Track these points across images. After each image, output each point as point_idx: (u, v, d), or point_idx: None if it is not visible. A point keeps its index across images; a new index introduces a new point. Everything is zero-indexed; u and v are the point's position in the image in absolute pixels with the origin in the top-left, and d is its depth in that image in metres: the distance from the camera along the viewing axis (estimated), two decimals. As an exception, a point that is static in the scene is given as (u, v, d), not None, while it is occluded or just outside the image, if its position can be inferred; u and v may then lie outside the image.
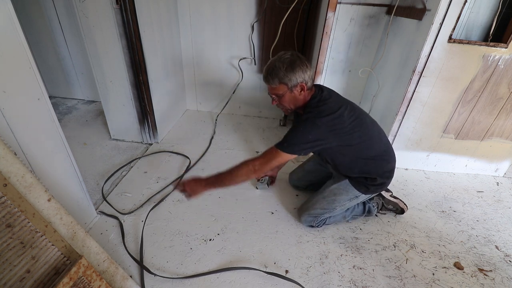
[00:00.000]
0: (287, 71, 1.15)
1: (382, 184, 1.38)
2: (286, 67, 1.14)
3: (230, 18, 2.27)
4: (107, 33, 1.71)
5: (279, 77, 1.16)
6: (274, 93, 1.23)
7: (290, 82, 1.17)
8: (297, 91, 1.20)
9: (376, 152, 1.30)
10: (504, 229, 1.61)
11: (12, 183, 0.80)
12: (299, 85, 1.18)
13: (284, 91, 1.20)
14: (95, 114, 2.63)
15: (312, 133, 1.16)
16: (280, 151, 1.18)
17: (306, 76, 1.17)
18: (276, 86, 1.19)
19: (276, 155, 1.19)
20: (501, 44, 1.56)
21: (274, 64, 1.17)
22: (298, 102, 1.25)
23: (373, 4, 2.02)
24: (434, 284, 1.27)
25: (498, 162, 2.04)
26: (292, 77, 1.16)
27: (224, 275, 1.24)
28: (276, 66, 1.16)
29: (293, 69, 1.14)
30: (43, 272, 0.83)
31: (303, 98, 1.24)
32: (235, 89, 2.61)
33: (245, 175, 1.23)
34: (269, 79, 1.20)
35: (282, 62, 1.15)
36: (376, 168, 1.33)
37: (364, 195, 1.40)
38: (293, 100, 1.24)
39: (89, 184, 1.73)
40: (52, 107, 1.12)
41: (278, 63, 1.16)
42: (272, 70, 1.18)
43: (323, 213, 1.44)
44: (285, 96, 1.22)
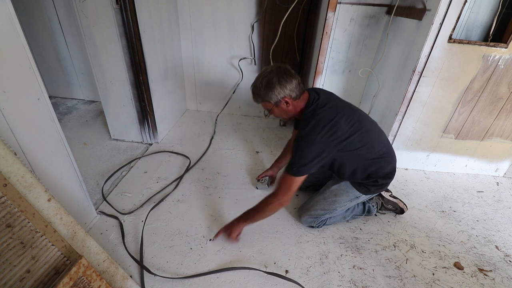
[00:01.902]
0: (266, 90, 1.18)
1: (383, 185, 1.38)
2: (264, 86, 1.18)
3: (230, 18, 2.27)
4: (107, 33, 1.71)
5: (261, 97, 1.22)
6: (264, 108, 1.28)
7: (271, 99, 1.20)
8: (284, 105, 1.22)
9: (377, 154, 1.30)
10: (504, 229, 1.61)
11: (12, 183, 0.80)
12: (283, 100, 1.20)
13: (270, 106, 1.24)
14: (95, 114, 2.63)
15: (315, 150, 1.16)
16: (293, 176, 1.20)
17: (286, 90, 1.18)
18: (262, 103, 1.25)
19: (292, 181, 1.21)
20: (501, 44, 1.56)
21: (255, 84, 1.22)
22: (290, 113, 1.27)
23: (373, 4, 2.02)
24: (434, 284, 1.27)
25: (498, 162, 2.04)
26: (272, 95, 1.19)
27: (224, 275, 1.24)
28: (256, 87, 1.21)
29: (270, 88, 1.17)
30: (43, 272, 0.83)
31: (292, 109, 1.25)
32: (235, 89, 2.61)
33: (275, 210, 1.28)
34: (254, 98, 1.26)
35: (261, 82, 1.19)
36: (377, 169, 1.32)
37: (364, 195, 1.40)
38: (283, 112, 1.27)
39: (89, 184, 1.73)
40: (52, 107, 1.12)
41: (258, 83, 1.21)
42: (254, 90, 1.23)
43: (324, 214, 1.44)
44: (274, 111, 1.26)
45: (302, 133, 1.18)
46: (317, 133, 1.15)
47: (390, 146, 1.38)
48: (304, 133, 1.17)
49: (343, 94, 2.48)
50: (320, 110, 1.20)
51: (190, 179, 1.83)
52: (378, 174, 1.33)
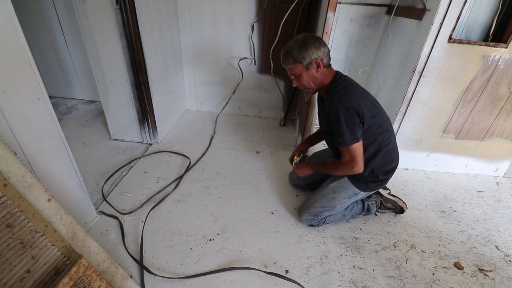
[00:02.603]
0: (300, 50, 1.19)
1: (382, 181, 1.39)
2: (299, 46, 1.19)
3: (230, 18, 2.27)
4: (107, 33, 1.71)
5: (294, 57, 1.21)
6: (292, 73, 1.27)
7: (304, 60, 1.20)
8: (313, 69, 1.23)
9: (388, 146, 1.32)
10: (504, 229, 1.61)
11: (12, 183, 0.80)
12: (314, 62, 1.21)
13: (300, 69, 1.23)
14: (95, 114, 2.63)
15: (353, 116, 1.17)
16: (351, 146, 1.21)
17: (320, 52, 1.20)
18: (292, 66, 1.24)
19: (350, 151, 1.22)
20: (501, 44, 1.56)
21: (289, 46, 1.23)
22: (317, 80, 1.27)
23: (373, 4, 2.02)
24: (434, 284, 1.27)
25: (498, 162, 2.04)
26: (306, 55, 1.19)
27: (224, 275, 1.24)
28: (290, 47, 1.22)
29: (305, 47, 1.18)
30: (43, 272, 0.83)
31: (321, 76, 1.26)
32: (235, 89, 2.61)
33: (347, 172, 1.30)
34: (285, 60, 1.25)
35: (296, 42, 1.20)
36: (382, 165, 1.33)
37: (363, 192, 1.40)
38: (311, 78, 1.26)
39: (89, 184, 1.73)
40: (52, 107, 1.12)
41: (292, 44, 1.22)
42: (287, 51, 1.23)
43: (323, 212, 1.44)
44: (303, 75, 1.25)
45: (333, 102, 1.20)
46: (349, 99, 1.18)
47: (396, 144, 1.40)
48: (335, 102, 1.20)
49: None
50: (350, 84, 1.25)
51: (190, 179, 1.83)
52: (381, 169, 1.34)
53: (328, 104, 1.24)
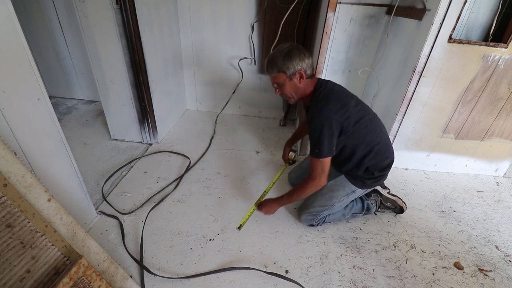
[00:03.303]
0: (285, 60, 1.20)
1: (379, 178, 1.39)
2: (284, 56, 1.21)
3: (230, 18, 2.27)
4: (107, 33, 1.71)
5: (278, 66, 1.23)
6: (275, 82, 1.28)
7: (288, 70, 1.22)
8: (297, 79, 1.25)
9: (378, 145, 1.32)
10: (504, 229, 1.61)
11: (12, 183, 0.80)
12: (298, 73, 1.23)
13: (283, 79, 1.25)
14: (95, 114, 2.63)
15: (330, 128, 1.20)
16: (325, 159, 1.24)
17: (304, 64, 1.22)
18: (275, 74, 1.25)
19: (322, 163, 1.25)
20: (501, 44, 1.56)
21: (273, 55, 1.24)
22: (300, 91, 1.29)
23: (373, 4, 2.02)
24: (434, 284, 1.27)
25: (498, 162, 2.04)
26: (290, 65, 1.21)
27: (224, 275, 1.24)
28: (275, 56, 1.23)
29: (290, 57, 1.20)
30: (43, 272, 0.83)
31: (303, 86, 1.27)
32: (235, 89, 2.61)
33: (313, 191, 1.33)
34: (268, 68, 1.27)
35: (280, 52, 1.22)
36: (376, 163, 1.34)
37: (360, 189, 1.41)
38: (294, 88, 1.28)
39: (89, 184, 1.73)
40: (52, 107, 1.12)
41: (276, 53, 1.23)
42: (271, 59, 1.25)
43: (322, 211, 1.44)
44: (286, 85, 1.26)
45: (314, 112, 1.22)
46: (329, 110, 1.20)
47: (389, 141, 1.41)
48: (316, 113, 1.21)
49: (343, 94, 2.48)
50: (331, 92, 1.26)
51: (190, 179, 1.83)
52: (376, 167, 1.35)
53: (310, 114, 1.26)
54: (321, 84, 1.29)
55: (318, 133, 1.20)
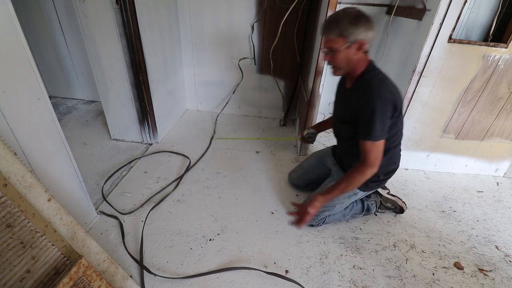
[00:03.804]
0: (350, 24, 1.06)
1: (382, 181, 1.39)
2: (351, 20, 1.06)
3: (230, 18, 2.27)
4: (107, 33, 1.71)
5: (340, 29, 1.07)
6: (329, 46, 1.13)
7: (350, 37, 1.08)
8: (354, 50, 1.11)
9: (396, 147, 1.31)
10: (504, 229, 1.61)
11: (12, 183, 0.80)
12: (358, 43, 1.09)
13: (340, 45, 1.10)
14: (95, 114, 2.63)
15: (387, 108, 1.11)
16: (376, 142, 1.14)
17: (368, 35, 1.09)
18: (334, 38, 1.10)
19: (378, 147, 1.15)
20: (501, 44, 1.56)
21: (338, 16, 1.09)
22: (352, 64, 1.16)
23: (373, 4, 2.02)
24: (434, 284, 1.27)
25: (498, 162, 2.04)
26: (354, 32, 1.07)
27: (224, 275, 1.24)
28: (339, 18, 1.08)
29: (357, 23, 1.06)
30: (43, 272, 0.83)
31: (357, 60, 1.15)
32: (235, 89, 2.61)
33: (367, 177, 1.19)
34: (328, 30, 1.11)
35: (347, 15, 1.07)
36: (386, 165, 1.32)
37: (362, 192, 1.40)
38: (347, 58, 1.14)
39: (89, 184, 1.73)
40: (52, 107, 1.12)
41: (341, 15, 1.08)
42: (335, 20, 1.09)
43: (323, 211, 1.44)
44: (340, 52, 1.12)
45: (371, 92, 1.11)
46: (390, 93, 1.11)
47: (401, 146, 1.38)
48: (375, 92, 1.10)
49: (343, 94, 2.48)
50: (386, 76, 1.17)
51: (190, 179, 1.83)
52: (384, 169, 1.32)
53: (360, 94, 1.15)
54: (374, 67, 1.18)
55: (373, 113, 1.09)
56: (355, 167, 1.20)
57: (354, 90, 1.20)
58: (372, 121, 1.11)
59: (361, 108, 1.13)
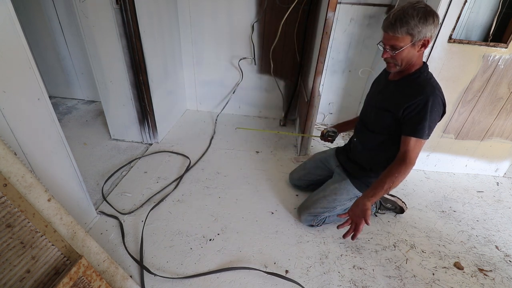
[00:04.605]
0: (420, 22, 1.00)
1: None
2: (420, 16, 1.00)
3: (230, 18, 2.27)
4: (107, 33, 1.71)
5: (409, 27, 1.01)
6: (394, 43, 1.07)
7: (418, 35, 1.02)
8: (418, 47, 1.07)
9: None
10: (504, 229, 1.61)
11: (12, 183, 0.80)
12: (424, 40, 1.04)
13: (406, 43, 1.05)
14: (95, 114, 2.63)
15: (438, 110, 1.10)
16: (423, 139, 1.11)
17: (435, 31, 1.04)
18: (401, 36, 1.04)
19: (420, 144, 1.13)
20: (501, 44, 1.56)
21: (406, 11, 1.01)
22: (412, 61, 1.12)
23: (373, 4, 2.02)
24: (434, 284, 1.27)
25: (498, 162, 2.04)
26: (423, 30, 1.01)
27: (224, 275, 1.24)
28: (408, 14, 1.00)
29: (426, 20, 1.00)
30: (43, 272, 0.83)
31: (418, 57, 1.12)
32: (235, 89, 2.61)
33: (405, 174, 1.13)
34: (395, 27, 1.03)
35: (417, 11, 1.00)
36: None
37: None
38: (409, 56, 1.09)
39: (89, 184, 1.73)
40: (52, 107, 1.12)
41: (410, 11, 1.01)
42: (404, 16, 1.01)
43: (323, 212, 1.44)
44: (405, 50, 1.07)
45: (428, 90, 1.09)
46: (442, 95, 1.11)
47: None
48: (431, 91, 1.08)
49: (343, 94, 2.48)
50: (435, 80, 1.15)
51: (190, 179, 1.83)
52: None
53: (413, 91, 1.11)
54: (427, 66, 1.16)
55: (427, 112, 1.07)
56: (395, 165, 1.13)
57: (403, 85, 1.17)
58: (423, 119, 1.08)
59: (414, 105, 1.09)
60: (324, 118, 2.64)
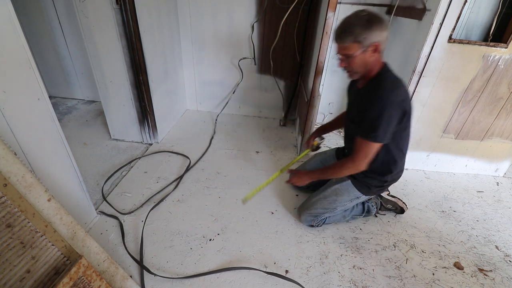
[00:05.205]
0: (364, 28, 1.05)
1: (385, 186, 1.39)
2: (363, 24, 1.05)
3: (230, 18, 2.27)
4: (107, 33, 1.71)
5: (354, 35, 1.06)
6: (345, 53, 1.13)
7: (365, 41, 1.07)
8: (370, 52, 1.10)
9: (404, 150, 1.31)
10: (504, 229, 1.61)
11: (12, 183, 0.80)
12: (374, 45, 1.08)
13: (355, 50, 1.10)
14: (95, 114, 2.63)
15: (394, 113, 1.11)
16: (376, 143, 1.14)
17: (383, 36, 1.08)
18: (349, 45, 1.09)
19: (370, 147, 1.16)
20: (501, 44, 1.56)
21: (350, 21, 1.08)
22: (368, 66, 1.15)
23: (373, 4, 2.02)
24: (434, 284, 1.27)
25: (498, 162, 2.04)
26: (368, 36, 1.06)
27: (224, 275, 1.24)
28: (352, 23, 1.07)
29: (370, 26, 1.05)
30: (43, 272, 0.83)
31: (373, 62, 1.14)
32: (235, 89, 2.61)
33: (350, 173, 1.28)
34: (342, 37, 1.10)
35: (359, 19, 1.06)
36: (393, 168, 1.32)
37: (364, 196, 1.40)
38: (363, 62, 1.13)
39: (89, 184, 1.73)
40: (52, 107, 1.12)
41: (354, 20, 1.07)
42: (347, 27, 1.08)
43: (324, 213, 1.44)
44: (356, 57, 1.11)
45: (380, 94, 1.11)
46: (398, 96, 1.10)
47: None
48: (383, 94, 1.10)
49: (343, 94, 2.48)
50: (398, 78, 1.16)
51: (190, 179, 1.83)
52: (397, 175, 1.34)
53: (371, 95, 1.14)
54: (388, 69, 1.17)
55: (379, 115, 1.09)
56: (344, 161, 1.25)
57: (367, 91, 1.20)
58: (371, 122, 1.12)
59: (370, 107, 1.12)
60: (324, 118, 2.64)
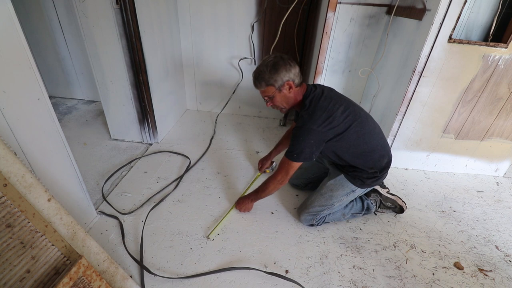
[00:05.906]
0: (271, 73, 1.21)
1: (378, 178, 1.39)
2: (270, 69, 1.22)
3: (230, 18, 2.27)
4: (107, 33, 1.71)
5: (265, 80, 1.24)
6: (265, 95, 1.30)
7: (276, 83, 1.23)
8: (286, 90, 1.26)
9: (373, 146, 1.33)
10: (504, 229, 1.61)
11: (12, 183, 0.80)
12: (286, 84, 1.24)
13: (273, 92, 1.26)
14: (95, 114, 2.63)
15: (312, 138, 1.22)
16: (291, 161, 1.28)
17: (291, 74, 1.23)
18: (264, 89, 1.27)
19: (291, 165, 1.29)
20: (501, 44, 1.56)
21: (259, 69, 1.25)
22: (290, 100, 1.31)
23: (373, 4, 2.02)
24: (434, 284, 1.27)
25: (498, 162, 2.04)
26: (277, 78, 1.22)
27: (224, 275, 1.24)
28: (261, 71, 1.24)
29: (276, 70, 1.21)
30: (43, 272, 0.83)
31: (293, 95, 1.29)
32: (235, 89, 2.61)
33: (276, 189, 1.42)
34: (256, 83, 1.28)
35: (266, 66, 1.23)
36: (372, 162, 1.35)
37: (360, 189, 1.41)
38: (284, 99, 1.29)
39: (89, 184, 1.73)
40: (52, 107, 1.12)
41: (262, 67, 1.24)
42: (258, 75, 1.25)
43: (322, 210, 1.44)
44: (276, 97, 1.28)
45: (300, 122, 1.24)
46: (313, 122, 1.21)
47: (385, 141, 1.42)
48: (302, 122, 1.23)
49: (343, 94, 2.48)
50: (317, 101, 1.26)
51: (190, 179, 1.83)
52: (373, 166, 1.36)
53: (299, 120, 1.26)
54: (309, 91, 1.29)
55: (300, 140, 1.23)
56: (270, 179, 1.40)
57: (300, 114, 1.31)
58: (294, 144, 1.25)
59: (293, 133, 1.26)
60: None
